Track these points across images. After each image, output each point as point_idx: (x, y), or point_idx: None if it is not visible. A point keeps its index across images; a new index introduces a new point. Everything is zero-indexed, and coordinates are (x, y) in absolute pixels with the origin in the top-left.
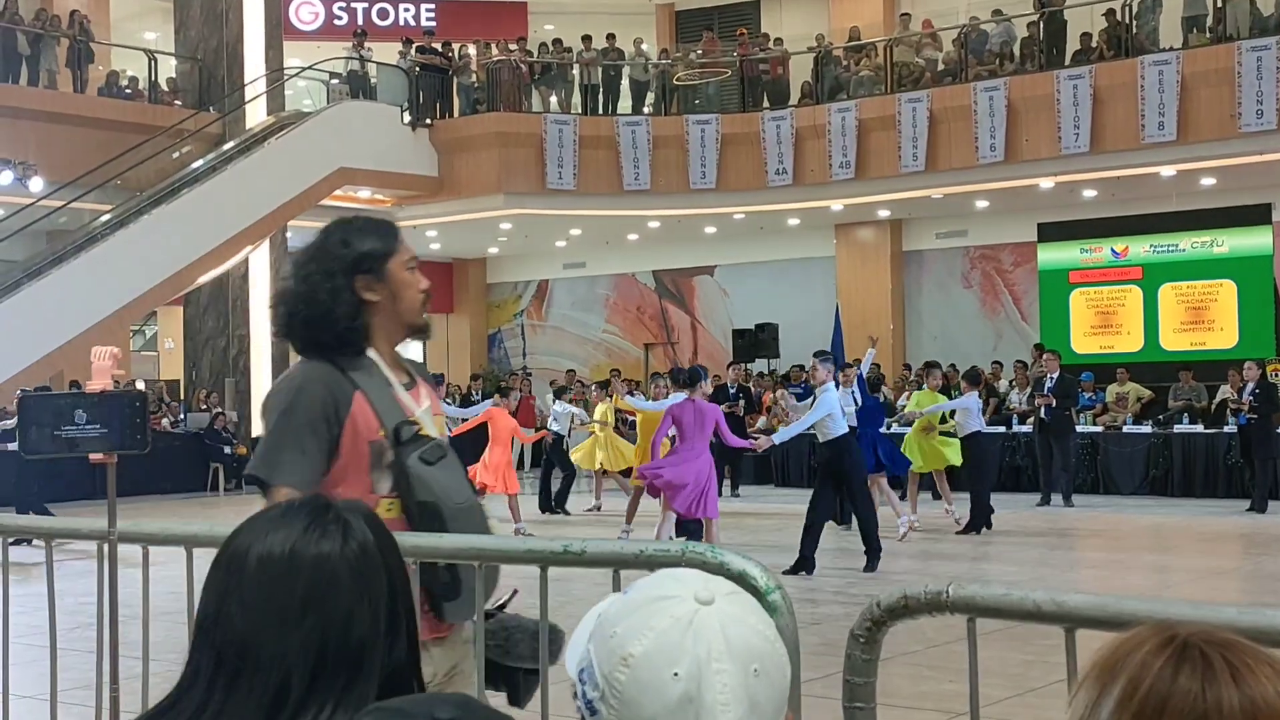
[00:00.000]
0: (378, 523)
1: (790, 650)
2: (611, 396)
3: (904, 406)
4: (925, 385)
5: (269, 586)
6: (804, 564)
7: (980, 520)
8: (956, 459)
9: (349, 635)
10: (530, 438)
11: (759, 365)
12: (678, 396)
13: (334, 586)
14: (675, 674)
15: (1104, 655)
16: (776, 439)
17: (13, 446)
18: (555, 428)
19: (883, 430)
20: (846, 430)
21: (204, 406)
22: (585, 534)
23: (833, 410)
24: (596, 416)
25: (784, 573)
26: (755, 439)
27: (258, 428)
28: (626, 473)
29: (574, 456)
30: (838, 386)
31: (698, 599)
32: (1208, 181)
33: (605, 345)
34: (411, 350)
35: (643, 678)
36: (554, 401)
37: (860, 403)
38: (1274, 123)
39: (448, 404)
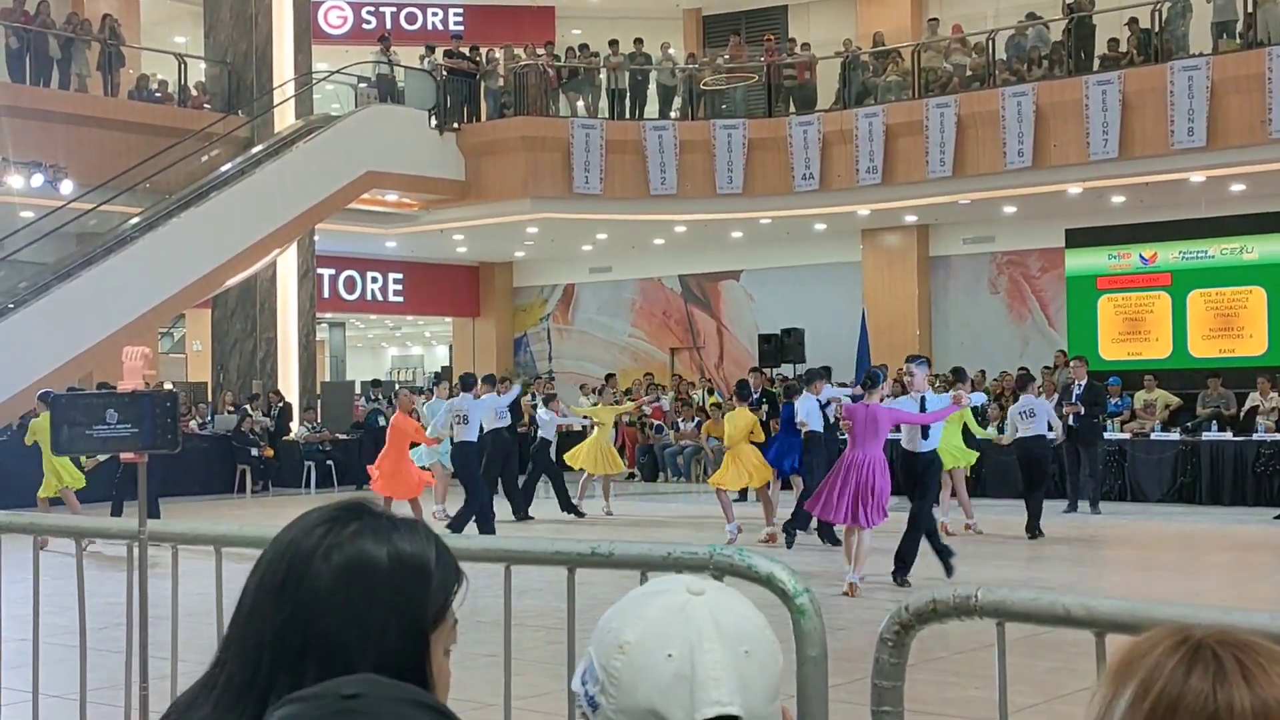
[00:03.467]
0: (405, 534)
1: (819, 653)
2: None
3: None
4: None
5: (264, 573)
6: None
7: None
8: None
9: (321, 625)
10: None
11: (785, 370)
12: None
13: (308, 576)
14: (669, 655)
15: (1120, 657)
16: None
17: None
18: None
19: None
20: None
21: (230, 409)
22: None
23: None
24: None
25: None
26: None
27: (293, 429)
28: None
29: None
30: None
31: (690, 590)
32: (1237, 188)
33: (631, 349)
34: (437, 354)
35: (637, 662)
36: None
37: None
38: None
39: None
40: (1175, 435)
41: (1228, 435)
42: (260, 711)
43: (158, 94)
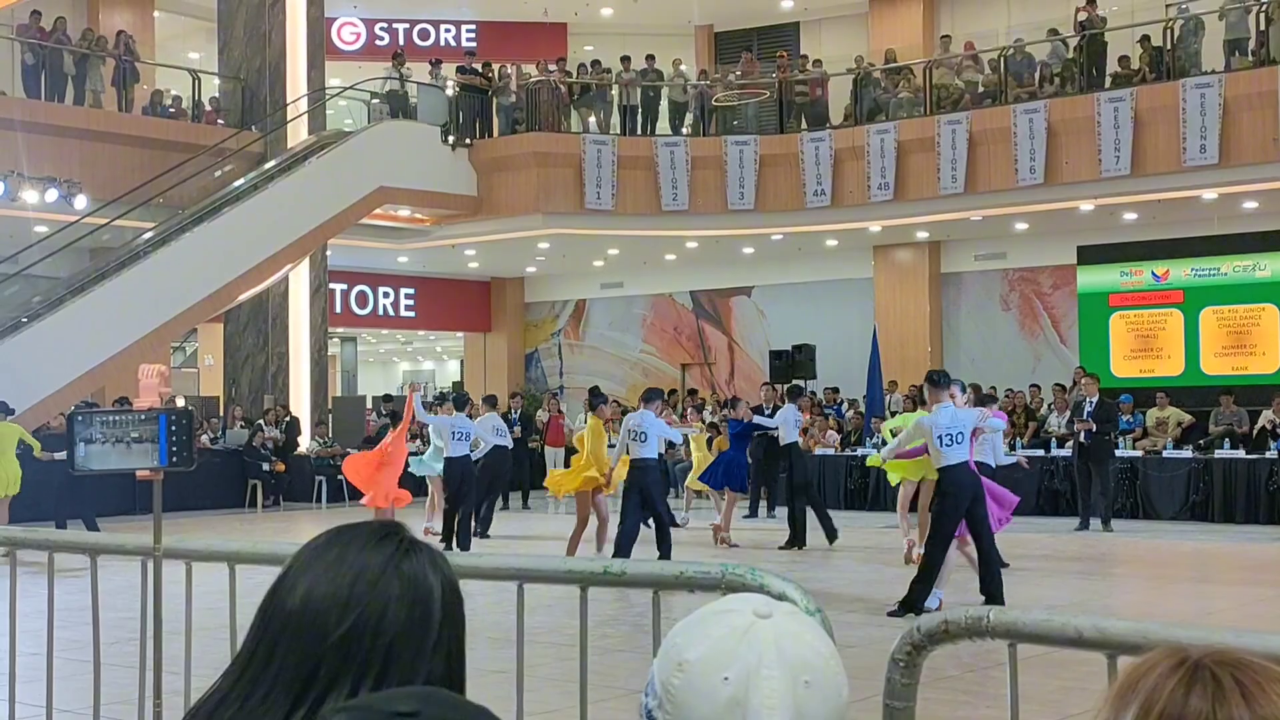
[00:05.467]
0: (445, 563)
1: None
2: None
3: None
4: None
5: (317, 581)
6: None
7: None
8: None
9: (384, 626)
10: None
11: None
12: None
13: (377, 586)
14: (725, 678)
15: (1121, 679)
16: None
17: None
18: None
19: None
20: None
21: (241, 424)
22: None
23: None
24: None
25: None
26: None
27: (304, 444)
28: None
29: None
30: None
31: (756, 613)
32: (1250, 205)
33: (642, 365)
34: (448, 369)
35: (695, 682)
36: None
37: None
38: None
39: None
40: (1188, 453)
41: (1240, 453)
42: (311, 712)
43: (172, 110)
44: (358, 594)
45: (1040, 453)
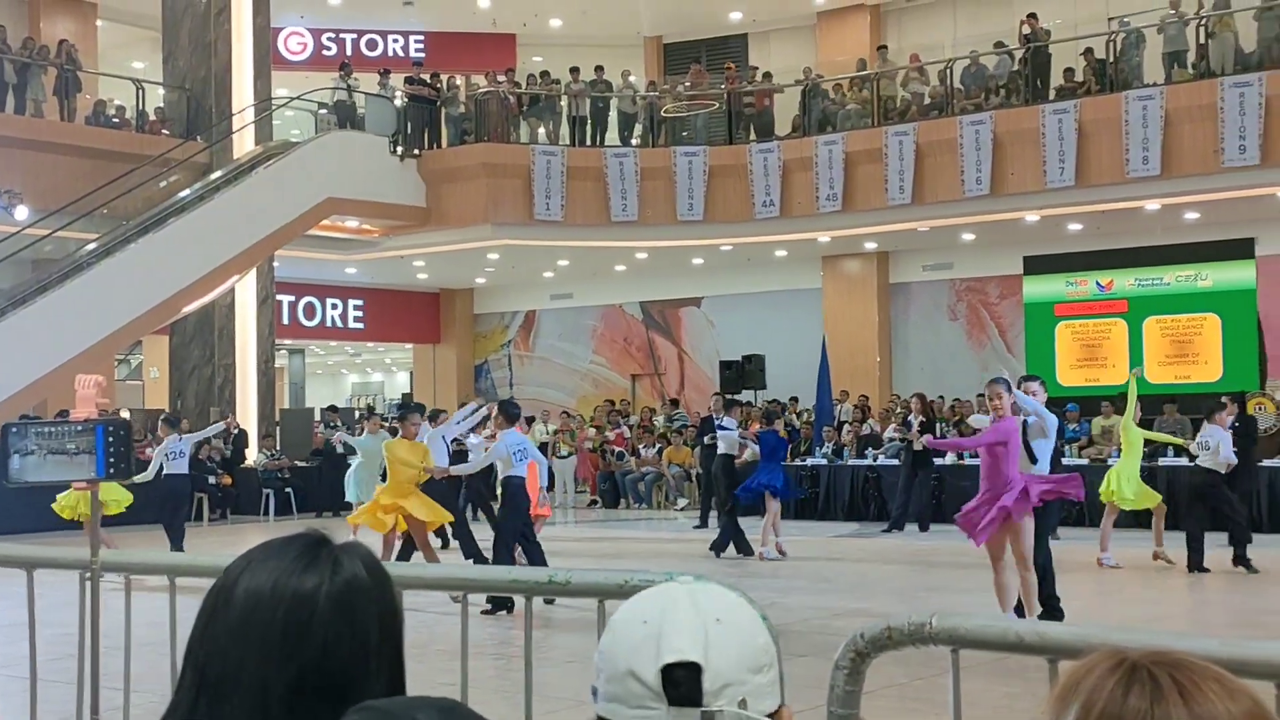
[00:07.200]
0: (373, 561)
1: None
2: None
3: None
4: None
5: (251, 615)
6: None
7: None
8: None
9: (329, 665)
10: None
11: (746, 396)
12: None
13: (315, 619)
14: (644, 622)
15: (1062, 681)
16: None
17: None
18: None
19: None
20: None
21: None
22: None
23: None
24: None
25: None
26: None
27: (251, 456)
28: None
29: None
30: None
31: (675, 583)
32: (1191, 216)
33: (592, 376)
34: (397, 381)
35: (619, 633)
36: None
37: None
38: (1256, 158)
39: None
40: None
41: (1184, 461)
42: None
43: (115, 119)
44: (294, 636)
45: None
